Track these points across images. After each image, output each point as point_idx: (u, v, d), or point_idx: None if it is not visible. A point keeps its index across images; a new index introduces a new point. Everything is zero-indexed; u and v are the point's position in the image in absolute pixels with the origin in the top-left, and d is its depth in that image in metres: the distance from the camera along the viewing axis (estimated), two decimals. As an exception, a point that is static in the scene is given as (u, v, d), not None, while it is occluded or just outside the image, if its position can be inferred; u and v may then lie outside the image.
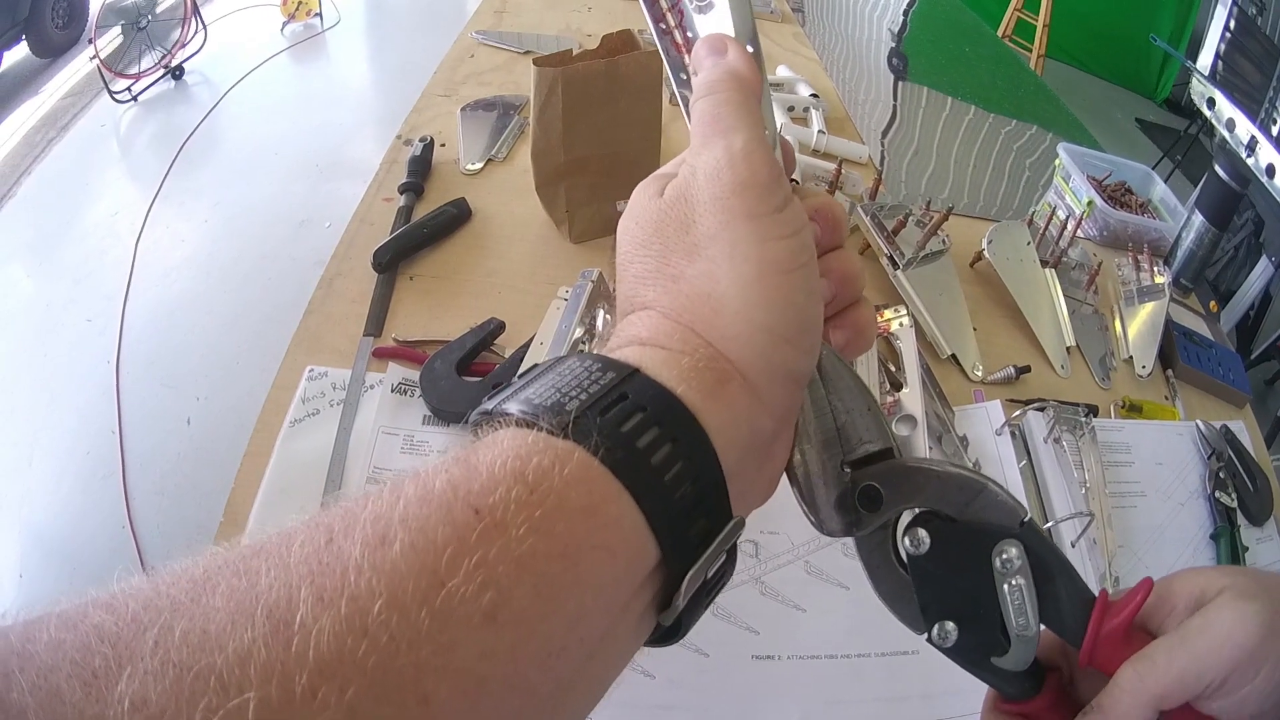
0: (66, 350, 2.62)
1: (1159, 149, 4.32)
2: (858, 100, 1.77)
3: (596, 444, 0.30)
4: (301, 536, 0.26)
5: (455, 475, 0.28)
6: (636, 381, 0.33)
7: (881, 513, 0.41)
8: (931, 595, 0.42)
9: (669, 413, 0.32)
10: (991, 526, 0.40)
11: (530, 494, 0.28)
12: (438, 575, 0.25)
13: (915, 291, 1.11)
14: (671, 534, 0.31)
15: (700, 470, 0.32)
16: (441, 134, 1.32)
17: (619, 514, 0.30)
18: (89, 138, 3.74)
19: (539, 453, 0.29)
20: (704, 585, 0.33)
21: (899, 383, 1.00)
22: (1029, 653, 0.41)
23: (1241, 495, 1.01)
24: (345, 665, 0.22)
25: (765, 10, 2.04)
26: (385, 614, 0.23)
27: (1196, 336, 1.25)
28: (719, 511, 0.33)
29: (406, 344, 0.97)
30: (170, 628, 0.22)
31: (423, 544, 0.25)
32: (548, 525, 0.27)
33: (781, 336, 0.36)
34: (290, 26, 4.61)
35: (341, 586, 0.24)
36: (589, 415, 0.31)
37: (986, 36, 2.87)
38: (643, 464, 0.30)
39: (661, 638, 0.34)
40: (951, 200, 1.41)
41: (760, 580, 0.81)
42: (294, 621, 0.23)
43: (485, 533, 0.26)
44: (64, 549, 2.11)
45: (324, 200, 3.19)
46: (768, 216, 0.36)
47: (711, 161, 0.38)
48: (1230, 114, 1.23)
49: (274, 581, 0.24)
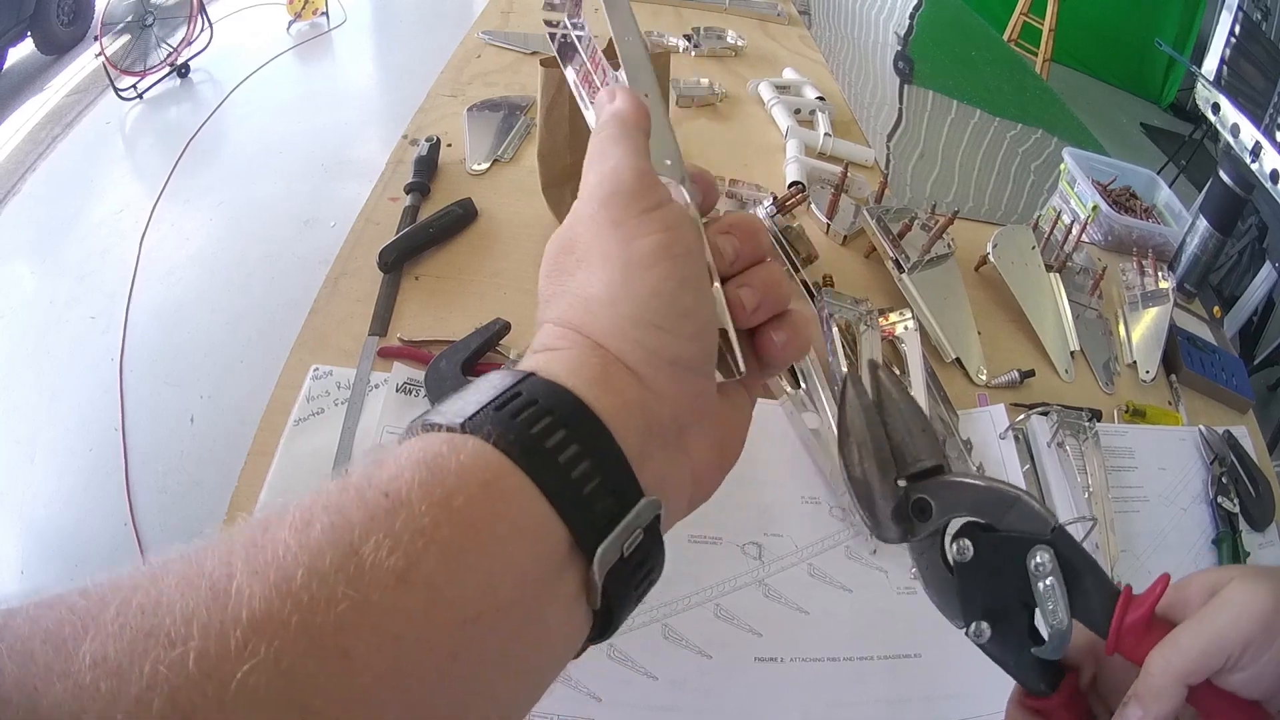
0: (70, 347, 2.63)
1: (1164, 154, 4.32)
2: (864, 103, 1.77)
3: (489, 432, 0.33)
4: (243, 530, 0.29)
5: (369, 469, 0.32)
6: (531, 382, 0.36)
7: (931, 522, 0.49)
8: (971, 597, 0.49)
9: (561, 403, 0.35)
10: (1026, 534, 0.46)
11: (431, 476, 0.31)
12: (352, 546, 0.28)
13: (920, 295, 1.11)
14: (573, 508, 0.33)
15: (596, 449, 0.34)
16: (448, 134, 1.32)
17: (515, 489, 0.32)
18: (94, 135, 3.74)
19: (439, 446, 0.32)
20: (625, 566, 0.35)
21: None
22: (1063, 643, 0.46)
23: (1244, 500, 1.01)
24: (273, 622, 0.25)
25: (771, 13, 2.04)
26: (306, 579, 0.26)
27: (1200, 341, 1.25)
28: (626, 490, 0.35)
29: (412, 344, 0.97)
30: (129, 601, 0.25)
31: (339, 523, 0.29)
32: (447, 500, 0.30)
33: (651, 324, 0.38)
34: (296, 25, 4.62)
35: (271, 560, 0.27)
36: (485, 412, 0.34)
37: (992, 40, 2.87)
38: (535, 446, 0.33)
39: (600, 632, 0.36)
40: (957, 204, 1.41)
41: (763, 582, 0.81)
42: (231, 589, 0.26)
43: (392, 510, 0.29)
44: (66, 546, 2.11)
45: (329, 199, 3.19)
46: (633, 220, 0.40)
47: (586, 186, 0.42)
48: (1235, 119, 1.23)
49: (216, 564, 0.27)
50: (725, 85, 1.62)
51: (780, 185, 1.36)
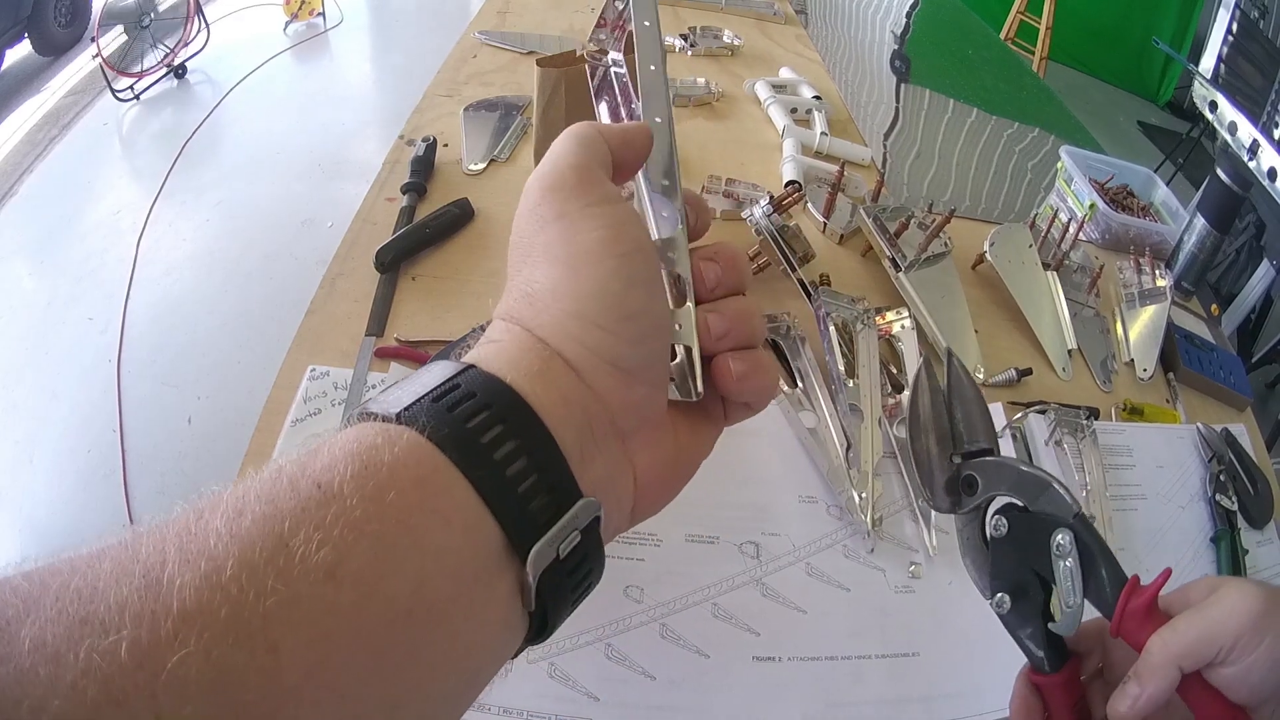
0: (68, 349, 2.63)
1: (1161, 152, 4.33)
2: (860, 102, 1.77)
3: (423, 425, 0.32)
4: (178, 517, 0.29)
5: (304, 459, 0.31)
6: (469, 374, 0.35)
7: (976, 496, 0.55)
8: (1000, 570, 0.55)
9: (497, 396, 0.34)
10: (1053, 517, 0.51)
11: (364, 469, 0.30)
12: (282, 538, 0.27)
13: (917, 293, 1.11)
14: (506, 506, 0.32)
15: (533, 447, 0.34)
16: (444, 134, 1.32)
17: (448, 484, 0.32)
18: (91, 136, 3.74)
19: (372, 435, 0.32)
20: (561, 568, 0.34)
21: (900, 385, 1.00)
22: (1075, 621, 0.51)
23: (1242, 498, 1.01)
24: (204, 613, 0.25)
25: (768, 12, 2.04)
26: (236, 570, 0.26)
27: (1198, 340, 1.25)
28: (563, 490, 0.34)
29: (409, 344, 0.97)
30: (67, 585, 0.25)
31: (271, 513, 0.28)
32: (379, 494, 0.30)
33: (593, 322, 0.38)
34: (293, 26, 4.62)
35: (203, 550, 0.27)
36: (420, 403, 0.33)
37: (989, 39, 2.87)
38: (470, 441, 0.33)
39: (536, 634, 0.36)
40: (953, 202, 1.41)
41: (761, 582, 0.81)
42: (163, 578, 0.26)
43: (324, 502, 0.29)
44: (64, 547, 2.06)
45: (326, 200, 3.20)
46: (575, 214, 0.39)
47: (530, 179, 0.42)
48: (1232, 117, 1.23)
49: (151, 550, 0.27)
50: (722, 85, 1.62)
51: (777, 184, 1.36)
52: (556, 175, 0.40)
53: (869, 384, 0.98)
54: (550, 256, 0.39)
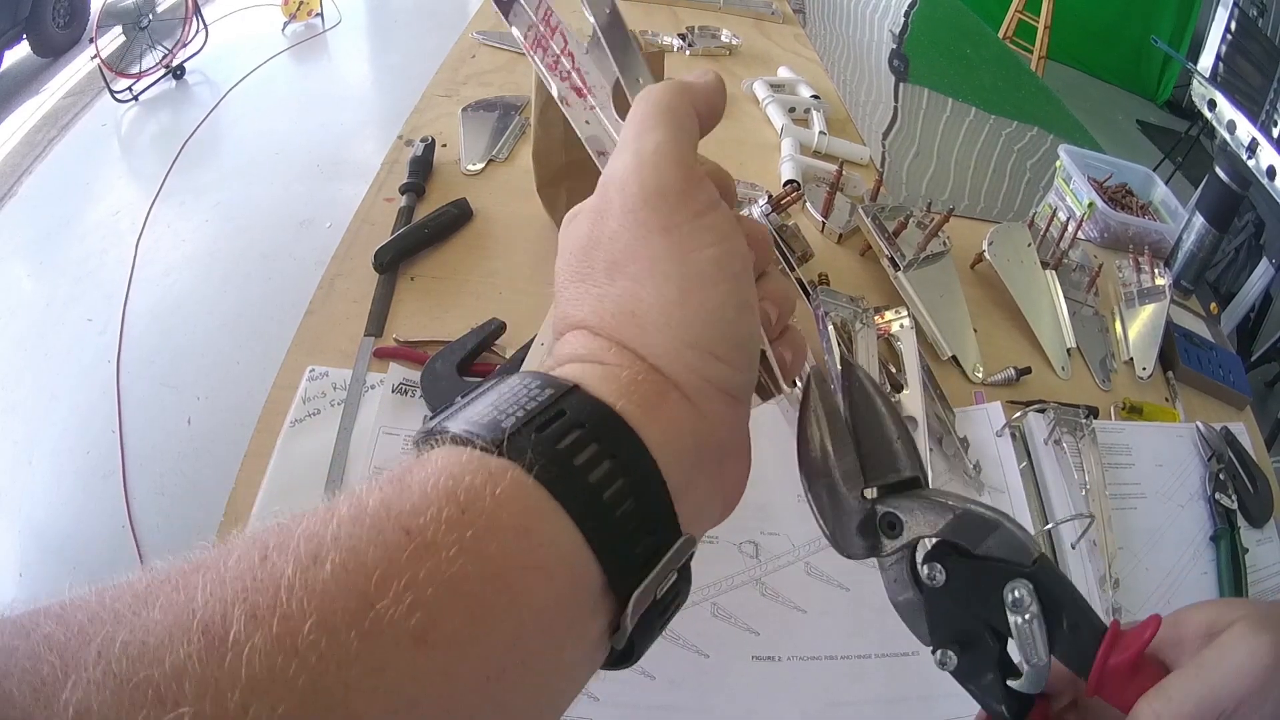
0: (67, 349, 2.63)
1: (1160, 151, 4.33)
2: (859, 101, 1.77)
3: (531, 461, 0.29)
4: (238, 552, 0.26)
5: (388, 494, 0.28)
6: (574, 398, 0.32)
7: (900, 539, 0.43)
8: (940, 622, 0.44)
9: (607, 428, 0.32)
10: (1005, 564, 0.41)
11: (461, 514, 0.27)
12: (367, 597, 0.25)
13: (916, 293, 1.11)
14: (613, 553, 0.30)
15: (642, 486, 0.31)
16: (443, 134, 1.32)
17: (554, 533, 0.29)
18: (90, 137, 3.75)
19: (471, 471, 0.29)
20: (656, 605, 0.32)
21: (899, 384, 1.00)
22: (1040, 680, 0.42)
23: (1241, 497, 1.01)
24: (276, 683, 0.23)
25: (766, 11, 2.04)
26: (315, 634, 0.23)
27: (1197, 338, 1.25)
28: (666, 528, 0.32)
29: (407, 344, 0.97)
30: (112, 639, 0.22)
31: (353, 564, 0.25)
32: (479, 546, 0.27)
33: (710, 352, 0.35)
34: (291, 26, 4.62)
35: (274, 605, 0.24)
36: (524, 432, 0.30)
37: (987, 38, 2.87)
38: (579, 481, 0.30)
39: (615, 661, 0.34)
40: (952, 202, 1.41)
41: (760, 581, 0.81)
42: (227, 638, 0.23)
43: (415, 554, 0.26)
44: (64, 548, 2.11)
45: (325, 200, 3.20)
46: (685, 226, 0.35)
47: (620, 170, 0.37)
48: (1231, 116, 1.23)
49: (209, 597, 0.24)
50: (720, 84, 1.62)
51: (775, 184, 1.36)
52: (660, 179, 0.36)
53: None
54: (659, 274, 0.35)
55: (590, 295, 0.37)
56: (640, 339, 0.35)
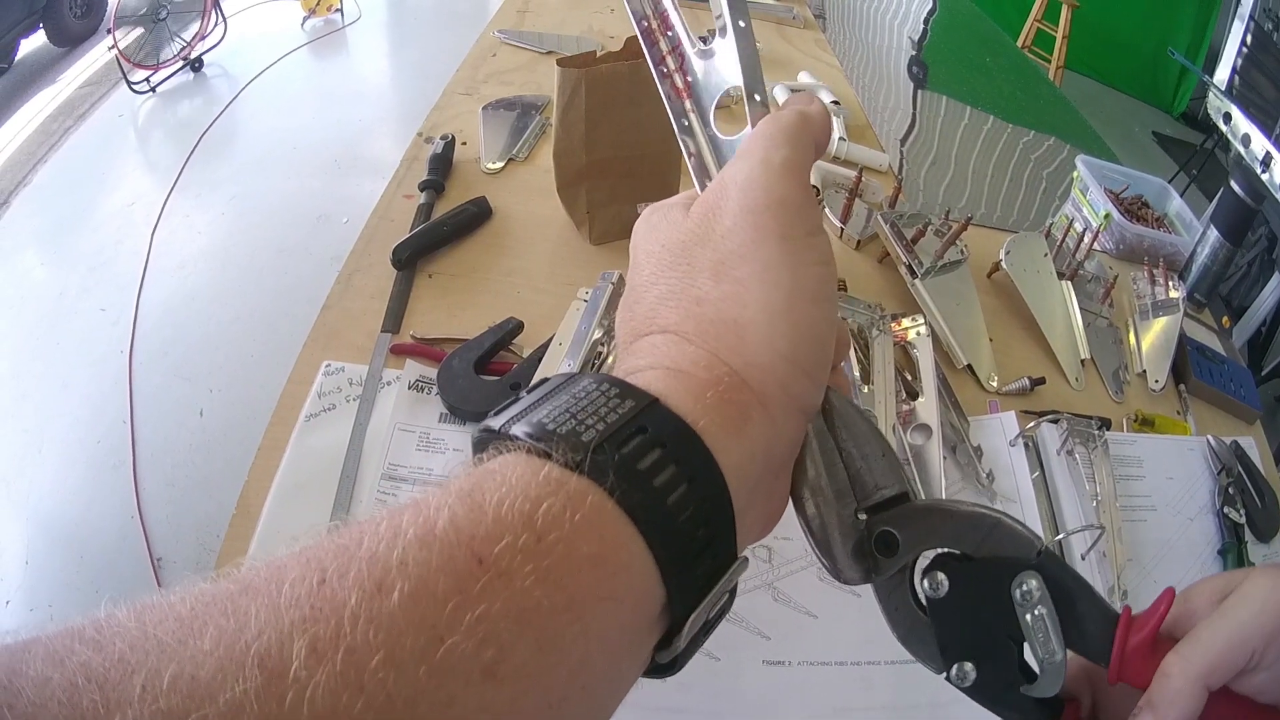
0: (79, 339, 2.64)
1: (1175, 163, 4.31)
2: (878, 107, 1.77)
3: (613, 485, 0.28)
4: (293, 574, 0.24)
5: (459, 515, 0.27)
6: (656, 413, 0.31)
7: (898, 557, 0.41)
8: (950, 636, 0.42)
9: (688, 450, 0.31)
10: (1009, 560, 0.40)
11: (538, 542, 0.26)
12: (437, 630, 0.24)
13: (933, 301, 1.11)
14: (680, 578, 0.30)
15: (713, 512, 0.31)
16: (463, 132, 1.32)
17: (629, 560, 0.28)
18: (106, 127, 3.77)
19: (550, 495, 0.28)
20: (704, 625, 0.33)
21: (915, 391, 1.00)
22: (1058, 679, 0.40)
23: (1250, 511, 1.01)
24: None
25: (788, 16, 2.04)
26: (383, 672, 0.22)
27: (1209, 352, 1.25)
28: (725, 552, 0.32)
29: (424, 341, 0.98)
30: (159, 672, 0.21)
31: (423, 594, 0.24)
32: (555, 577, 0.26)
33: (802, 369, 0.35)
34: (311, 21, 4.64)
35: (337, 637, 0.23)
36: (606, 449, 0.29)
37: (1006, 46, 2.87)
38: (658, 507, 0.29)
39: (656, 671, 0.33)
40: (969, 209, 1.41)
41: (773, 586, 0.81)
42: (287, 674, 0.22)
43: (489, 584, 0.25)
44: (72, 537, 2.11)
45: (342, 196, 3.21)
46: (800, 240, 0.36)
47: (745, 171, 0.37)
48: (1246, 129, 1.22)
49: (265, 626, 0.23)
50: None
51: (793, 189, 1.36)
52: (785, 188, 0.36)
53: (884, 390, 0.98)
54: (769, 280, 0.35)
55: (686, 296, 0.36)
56: (738, 348, 0.34)
